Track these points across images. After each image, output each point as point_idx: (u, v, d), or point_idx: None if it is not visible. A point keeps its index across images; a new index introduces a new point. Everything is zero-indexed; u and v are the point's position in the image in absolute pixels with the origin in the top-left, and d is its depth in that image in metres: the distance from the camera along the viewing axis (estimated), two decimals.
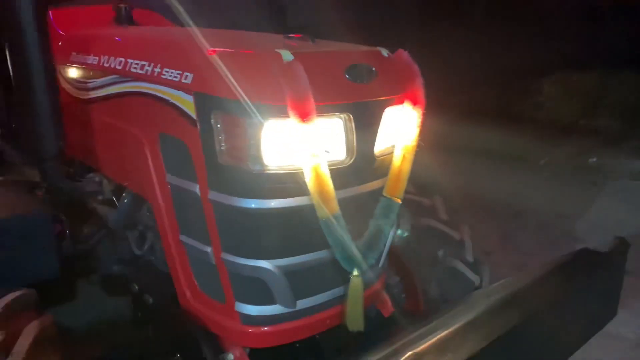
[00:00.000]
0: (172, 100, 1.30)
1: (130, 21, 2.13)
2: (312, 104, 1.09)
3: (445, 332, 1.17)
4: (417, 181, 1.74)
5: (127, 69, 1.46)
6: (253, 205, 1.20)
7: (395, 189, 1.31)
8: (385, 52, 1.31)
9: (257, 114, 1.12)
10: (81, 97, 1.74)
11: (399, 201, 1.31)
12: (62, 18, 1.99)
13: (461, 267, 1.88)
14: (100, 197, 1.80)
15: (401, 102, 1.29)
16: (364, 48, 1.32)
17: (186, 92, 1.24)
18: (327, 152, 1.17)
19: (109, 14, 2.17)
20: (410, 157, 1.31)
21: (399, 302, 1.80)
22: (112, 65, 1.53)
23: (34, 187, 2.24)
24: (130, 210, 1.70)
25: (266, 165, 1.17)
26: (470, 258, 1.92)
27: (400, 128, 1.30)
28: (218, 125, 1.18)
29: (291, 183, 1.18)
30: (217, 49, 1.17)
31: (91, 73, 1.67)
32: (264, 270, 1.25)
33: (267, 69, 1.14)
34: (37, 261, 1.78)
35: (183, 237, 1.38)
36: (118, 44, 1.60)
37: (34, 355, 1.18)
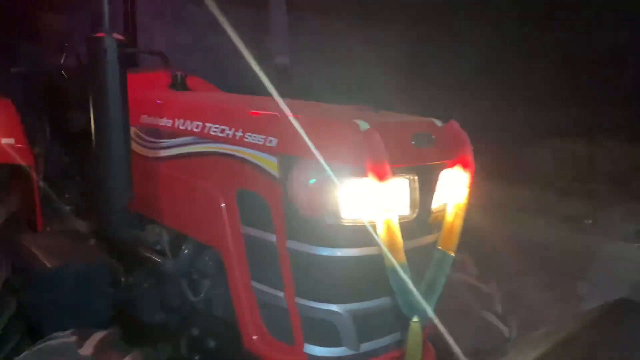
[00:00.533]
0: (253, 160, 1.48)
1: (184, 87, 2.36)
2: (388, 167, 1.28)
3: None
4: None
5: (205, 131, 1.65)
6: (329, 254, 1.36)
7: (449, 243, 1.47)
8: (438, 123, 1.52)
9: (337, 174, 1.30)
10: (149, 155, 1.92)
11: (453, 254, 1.48)
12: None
13: (492, 318, 2.02)
14: (158, 247, 1.94)
15: (453, 166, 1.48)
16: (421, 118, 1.53)
17: (269, 154, 1.42)
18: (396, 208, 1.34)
19: (159, 79, 2.41)
20: (461, 214, 1.48)
21: None
22: (189, 128, 1.72)
23: (86, 237, 2.38)
24: (190, 259, 1.84)
25: (342, 218, 1.33)
26: (499, 310, 2.06)
27: (453, 188, 1.48)
28: (300, 183, 1.36)
29: (364, 234, 1.34)
30: (301, 116, 1.37)
31: (162, 134, 1.87)
32: (335, 313, 1.39)
33: (346, 136, 1.33)
34: (92, 306, 1.89)
35: (254, 283, 1.52)
36: (193, 109, 1.80)
37: None
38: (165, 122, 1.85)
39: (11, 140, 2.57)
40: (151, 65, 3.22)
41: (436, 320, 1.59)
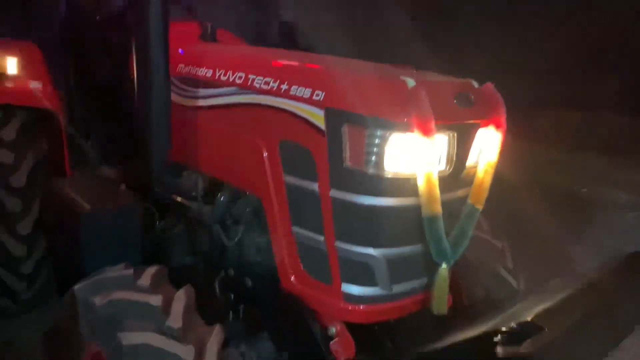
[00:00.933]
0: (298, 113, 1.56)
1: (214, 38, 2.41)
2: (433, 122, 1.37)
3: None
4: None
5: (248, 83, 1.72)
6: (370, 202, 1.46)
7: (478, 197, 1.58)
8: (475, 84, 1.60)
9: (384, 127, 1.40)
10: (187, 104, 1.99)
11: (481, 207, 1.59)
12: None
13: (503, 272, 2.16)
14: (193, 194, 2.03)
15: (487, 125, 1.58)
16: (461, 79, 1.61)
17: (316, 107, 1.50)
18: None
19: (189, 29, 2.44)
20: (491, 171, 1.59)
21: None
22: (231, 79, 1.79)
23: (117, 182, 2.47)
24: (226, 206, 1.94)
25: (385, 170, 1.43)
26: (510, 265, 2.20)
27: (486, 146, 1.58)
28: (347, 135, 1.45)
29: (404, 185, 1.45)
30: (349, 72, 1.45)
31: (201, 83, 1.93)
32: (372, 256, 1.51)
33: (394, 92, 1.41)
34: (125, 249, 1.99)
35: (294, 228, 1.63)
36: (235, 60, 1.86)
37: (187, 318, 1.42)
38: (205, 72, 1.91)
39: (38, 84, 2.62)
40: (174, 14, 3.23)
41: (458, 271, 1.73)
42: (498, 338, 1.29)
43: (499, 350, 1.26)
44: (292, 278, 1.66)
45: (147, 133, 1.85)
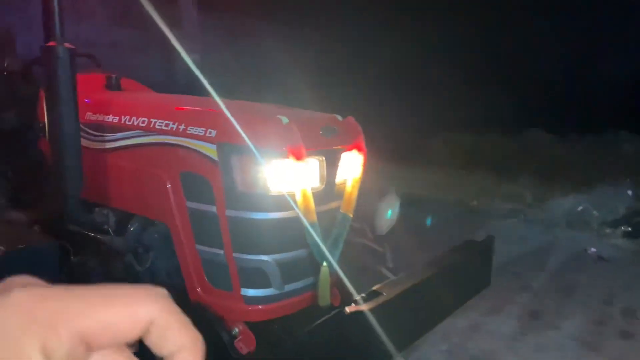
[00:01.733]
0: (195, 148, 1.86)
1: (118, 87, 2.66)
2: (304, 150, 1.73)
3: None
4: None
5: (150, 126, 2.01)
6: (260, 217, 1.78)
7: (348, 207, 1.96)
8: (340, 117, 2.00)
9: (265, 156, 1.74)
10: (96, 147, 2.22)
11: (351, 215, 1.97)
12: None
13: (385, 271, 2.56)
14: (105, 227, 2.24)
15: (351, 149, 1.97)
16: (326, 114, 2.00)
17: (209, 142, 1.82)
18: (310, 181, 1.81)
19: (94, 80, 2.68)
20: (357, 186, 1.98)
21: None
22: (135, 123, 2.06)
23: (28, 225, 2.61)
24: (137, 235, 2.17)
25: (270, 190, 1.77)
26: (390, 264, 2.60)
27: (351, 166, 1.98)
28: (236, 164, 1.77)
29: (285, 201, 1.79)
30: (235, 113, 1.78)
31: (108, 128, 2.18)
32: (265, 262, 1.82)
33: (272, 128, 1.76)
34: (49, 277, 2.15)
35: (198, 246, 1.91)
36: (137, 106, 2.14)
37: None
38: (112, 118, 2.17)
39: None
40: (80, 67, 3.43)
41: (339, 268, 2.08)
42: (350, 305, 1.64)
43: (347, 309, 1.60)
44: (199, 289, 1.93)
45: (60, 175, 2.05)
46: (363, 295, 1.66)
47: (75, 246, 2.37)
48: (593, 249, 5.28)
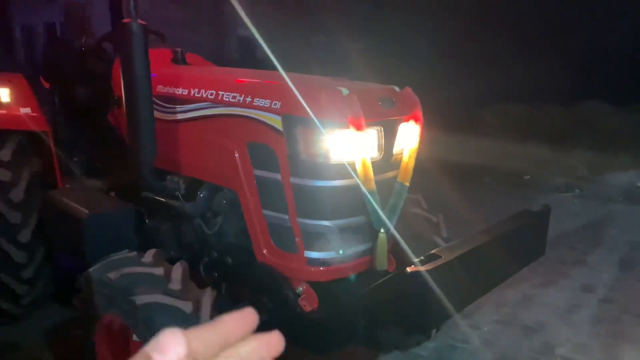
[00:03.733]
0: (261, 119, 1.98)
1: (184, 62, 2.81)
2: (363, 120, 1.82)
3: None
4: None
5: (219, 98, 2.14)
6: (321, 184, 1.89)
7: (405, 176, 2.04)
8: (397, 89, 2.07)
9: (327, 127, 1.83)
10: (167, 119, 2.38)
11: (407, 184, 2.05)
12: None
13: (439, 241, 2.63)
14: (177, 194, 2.42)
15: (408, 120, 2.04)
16: (385, 85, 2.07)
17: (275, 114, 1.93)
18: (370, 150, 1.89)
19: (162, 55, 2.83)
20: (414, 156, 2.05)
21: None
22: (204, 95, 2.20)
23: (107, 190, 2.83)
24: (206, 200, 2.34)
25: (331, 159, 1.87)
26: (444, 234, 2.67)
27: (408, 137, 2.04)
28: (300, 134, 1.88)
29: (346, 170, 1.88)
30: (299, 86, 1.88)
31: (179, 101, 2.33)
32: (327, 227, 1.94)
33: (333, 99, 1.85)
34: (122, 243, 2.35)
35: (264, 211, 2.05)
36: (206, 80, 2.27)
37: (184, 283, 1.81)
38: (182, 91, 2.31)
39: (28, 110, 2.96)
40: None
41: (396, 234, 2.17)
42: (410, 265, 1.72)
43: (408, 269, 1.69)
44: (265, 251, 2.08)
45: (135, 144, 2.22)
46: (421, 257, 1.75)
47: (149, 211, 2.57)
48: None
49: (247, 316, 0.47)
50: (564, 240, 4.76)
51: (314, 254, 1.98)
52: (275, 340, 0.47)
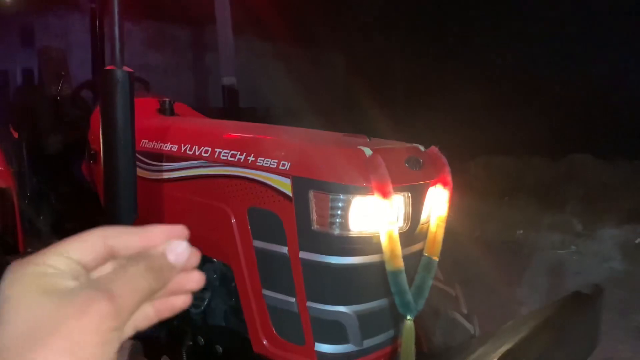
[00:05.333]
0: (266, 182, 1.67)
1: (172, 113, 2.51)
2: (390, 186, 1.52)
3: None
4: None
5: (215, 156, 1.83)
6: (338, 262, 1.57)
7: (433, 249, 1.73)
8: (422, 148, 1.79)
9: (347, 192, 1.53)
10: (152, 178, 2.05)
11: (437, 259, 1.73)
12: None
13: (459, 317, 2.30)
14: None
15: (435, 184, 1.75)
16: (409, 144, 1.79)
17: (283, 176, 1.62)
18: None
19: (147, 105, 2.53)
20: (443, 225, 1.75)
21: None
22: (197, 153, 1.89)
23: None
24: None
25: (350, 230, 1.56)
26: (465, 310, 2.34)
27: (435, 203, 1.75)
28: (313, 200, 1.57)
29: (368, 244, 1.57)
30: (313, 144, 1.59)
31: (166, 158, 2.01)
32: (343, 314, 1.60)
33: (354, 161, 1.56)
34: None
35: (265, 291, 1.70)
36: (199, 134, 1.97)
37: None
38: (170, 146, 2.00)
39: None
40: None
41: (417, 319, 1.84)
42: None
43: None
44: (265, 341, 1.72)
45: (113, 205, 1.89)
46: None
47: None
48: None
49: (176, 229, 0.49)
50: None
51: (326, 347, 1.63)
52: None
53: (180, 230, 0.50)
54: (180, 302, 0.50)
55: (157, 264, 0.45)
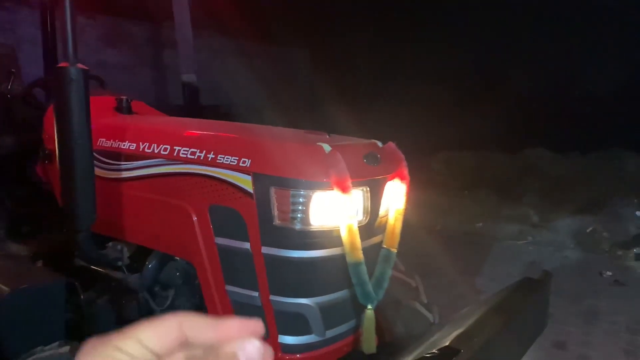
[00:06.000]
0: (226, 179, 1.68)
1: (130, 111, 2.48)
2: (349, 181, 1.56)
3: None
4: None
5: (174, 154, 1.83)
6: (300, 255, 1.60)
7: (392, 242, 1.79)
8: (380, 143, 1.84)
9: (307, 188, 1.57)
10: (110, 177, 2.03)
11: (395, 250, 1.79)
12: None
13: (419, 307, 2.37)
14: (119, 264, 2.04)
15: (393, 178, 1.81)
16: (367, 140, 1.84)
17: (244, 173, 1.64)
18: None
19: (102, 103, 2.50)
20: (401, 218, 1.81)
21: None
22: (156, 151, 1.88)
23: (34, 259, 2.39)
24: (155, 272, 1.98)
25: (311, 225, 1.59)
26: (425, 300, 2.42)
27: (393, 196, 1.81)
28: (274, 197, 1.59)
29: (328, 238, 1.61)
30: (271, 140, 1.61)
31: (124, 157, 1.99)
32: (305, 306, 1.63)
33: (313, 157, 1.60)
34: (51, 326, 1.95)
35: (228, 287, 1.72)
36: (158, 133, 1.96)
37: None
38: (129, 145, 1.98)
39: None
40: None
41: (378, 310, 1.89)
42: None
43: None
44: None
45: (71, 206, 1.86)
46: (435, 351, 1.47)
47: (85, 284, 2.17)
48: (608, 272, 5.14)
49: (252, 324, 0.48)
50: None
51: (290, 339, 1.66)
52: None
53: (257, 326, 0.49)
54: None
55: None
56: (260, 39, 9.83)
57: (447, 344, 1.48)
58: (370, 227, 1.75)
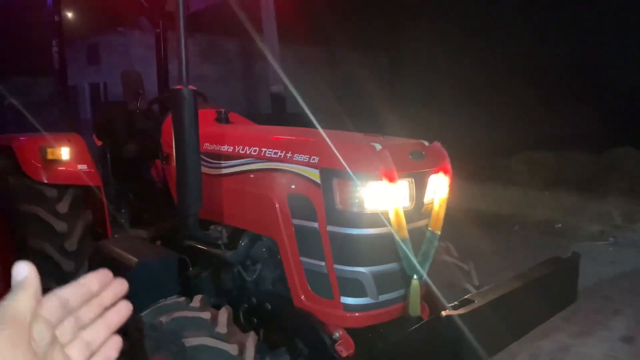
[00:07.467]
0: (300, 173, 2.14)
1: (227, 121, 3.04)
2: (395, 173, 1.96)
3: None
4: None
5: (261, 154, 2.32)
6: (357, 232, 2.02)
7: (436, 225, 2.15)
8: (426, 143, 2.21)
9: (361, 179, 1.98)
10: (212, 173, 2.58)
11: (439, 233, 2.15)
12: None
13: (471, 288, 2.69)
14: (219, 242, 2.57)
15: (437, 172, 2.17)
16: (414, 140, 2.22)
17: (313, 168, 2.09)
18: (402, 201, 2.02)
19: (205, 115, 3.06)
20: (444, 205, 2.16)
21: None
22: (248, 152, 2.39)
23: (153, 240, 3.01)
24: (247, 249, 2.48)
25: (365, 208, 2.00)
26: (476, 282, 2.73)
27: (437, 187, 2.17)
28: (336, 186, 2.03)
29: (380, 219, 2.01)
30: (335, 142, 2.05)
31: (224, 157, 2.53)
32: (362, 273, 2.05)
33: (367, 154, 2.01)
34: (168, 290, 2.49)
35: (302, 258, 2.18)
36: (250, 137, 2.47)
37: (229, 327, 1.92)
38: (227, 148, 2.52)
39: (84, 167, 3.22)
40: None
41: (429, 280, 2.25)
42: (445, 308, 1.81)
43: (443, 313, 1.78)
44: (302, 297, 2.19)
45: (184, 196, 2.40)
46: (455, 303, 1.83)
47: (192, 259, 2.73)
48: None
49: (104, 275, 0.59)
50: (599, 290, 4.69)
51: (350, 300, 2.08)
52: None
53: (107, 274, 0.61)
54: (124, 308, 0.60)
55: None
56: (344, 45, 10.27)
57: (465, 297, 1.82)
58: (417, 212, 2.12)
